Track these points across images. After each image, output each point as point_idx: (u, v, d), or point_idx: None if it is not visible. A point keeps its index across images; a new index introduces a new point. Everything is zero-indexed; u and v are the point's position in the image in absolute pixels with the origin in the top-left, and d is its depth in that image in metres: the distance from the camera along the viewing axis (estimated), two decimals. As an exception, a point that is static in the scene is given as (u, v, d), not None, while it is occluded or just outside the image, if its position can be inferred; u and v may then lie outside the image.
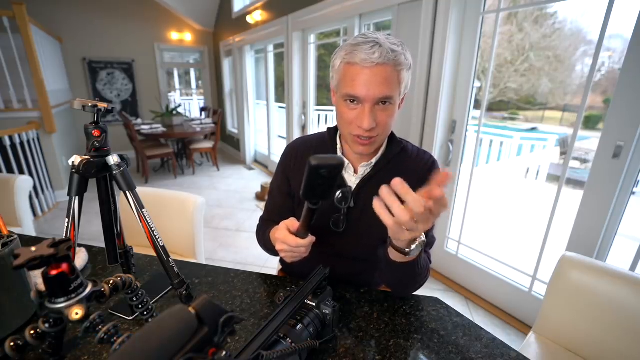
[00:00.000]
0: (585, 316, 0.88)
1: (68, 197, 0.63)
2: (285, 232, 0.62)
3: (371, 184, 0.78)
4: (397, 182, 0.47)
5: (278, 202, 0.90)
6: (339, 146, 0.81)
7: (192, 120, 5.09)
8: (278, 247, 0.63)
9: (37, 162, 3.07)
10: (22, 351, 0.42)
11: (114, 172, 0.66)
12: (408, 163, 0.79)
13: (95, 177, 0.66)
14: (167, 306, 0.74)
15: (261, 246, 0.92)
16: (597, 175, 1.36)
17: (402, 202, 0.48)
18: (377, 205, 0.50)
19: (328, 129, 0.85)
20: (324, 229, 0.78)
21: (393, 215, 0.49)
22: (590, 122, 4.28)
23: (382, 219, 0.50)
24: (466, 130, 1.90)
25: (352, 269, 0.84)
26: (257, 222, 0.97)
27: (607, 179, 1.33)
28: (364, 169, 0.79)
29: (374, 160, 0.78)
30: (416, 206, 0.46)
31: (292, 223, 0.63)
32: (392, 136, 0.81)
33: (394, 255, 0.62)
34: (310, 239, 0.61)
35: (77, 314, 0.39)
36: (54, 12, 4.57)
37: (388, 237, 0.59)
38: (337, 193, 0.52)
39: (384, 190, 0.49)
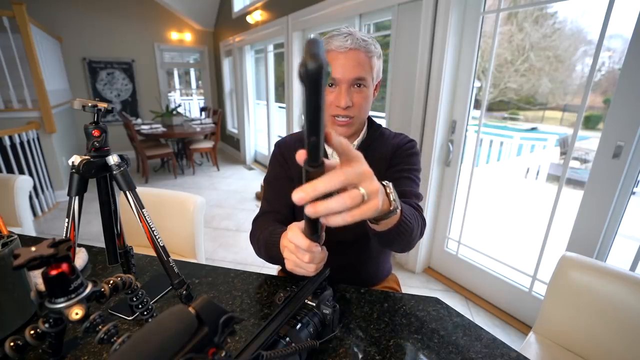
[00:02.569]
0: (585, 316, 0.88)
1: (68, 197, 0.63)
2: (295, 231, 0.48)
3: None
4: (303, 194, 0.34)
5: (278, 188, 0.87)
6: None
7: (192, 120, 5.09)
8: (285, 254, 0.52)
9: (37, 162, 3.06)
10: (22, 351, 0.42)
11: (114, 172, 0.66)
12: (387, 144, 0.85)
13: (95, 177, 0.66)
14: (167, 306, 0.74)
15: (259, 251, 0.78)
16: (597, 175, 1.36)
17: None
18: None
19: None
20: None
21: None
22: (590, 122, 4.28)
23: (338, 221, 0.36)
24: (466, 130, 1.90)
25: (346, 259, 0.86)
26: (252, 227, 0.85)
27: (607, 179, 1.33)
28: None
29: (356, 143, 0.84)
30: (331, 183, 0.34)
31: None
32: (371, 122, 0.87)
33: (378, 227, 0.53)
34: (325, 252, 0.49)
35: (77, 314, 0.39)
36: (54, 12, 4.57)
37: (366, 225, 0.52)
38: None
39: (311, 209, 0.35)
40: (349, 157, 0.37)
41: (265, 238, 0.72)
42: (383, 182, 0.48)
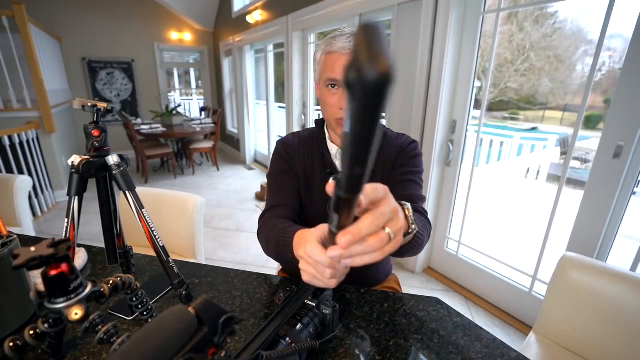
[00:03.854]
0: (585, 316, 0.88)
1: (68, 197, 0.63)
2: (314, 244, 0.41)
3: None
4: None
5: (285, 181, 0.85)
6: (327, 136, 0.86)
7: (192, 120, 5.09)
8: (302, 266, 0.45)
9: (37, 162, 3.06)
10: (22, 351, 0.42)
11: (114, 172, 0.65)
12: (390, 145, 0.85)
13: (95, 177, 0.66)
14: (167, 306, 0.74)
15: (267, 249, 0.73)
16: (597, 175, 1.36)
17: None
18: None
19: (316, 121, 0.90)
20: (320, 218, 0.79)
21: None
22: (590, 122, 4.28)
23: (369, 260, 0.37)
24: (466, 130, 1.90)
25: None
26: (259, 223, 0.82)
27: (608, 179, 1.33)
28: None
29: None
30: (370, 226, 0.34)
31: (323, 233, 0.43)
32: None
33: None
34: (346, 269, 0.43)
35: (76, 314, 0.39)
36: (54, 12, 4.57)
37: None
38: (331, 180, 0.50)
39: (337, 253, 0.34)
40: (377, 198, 0.36)
41: (275, 237, 0.67)
42: (402, 203, 0.47)
